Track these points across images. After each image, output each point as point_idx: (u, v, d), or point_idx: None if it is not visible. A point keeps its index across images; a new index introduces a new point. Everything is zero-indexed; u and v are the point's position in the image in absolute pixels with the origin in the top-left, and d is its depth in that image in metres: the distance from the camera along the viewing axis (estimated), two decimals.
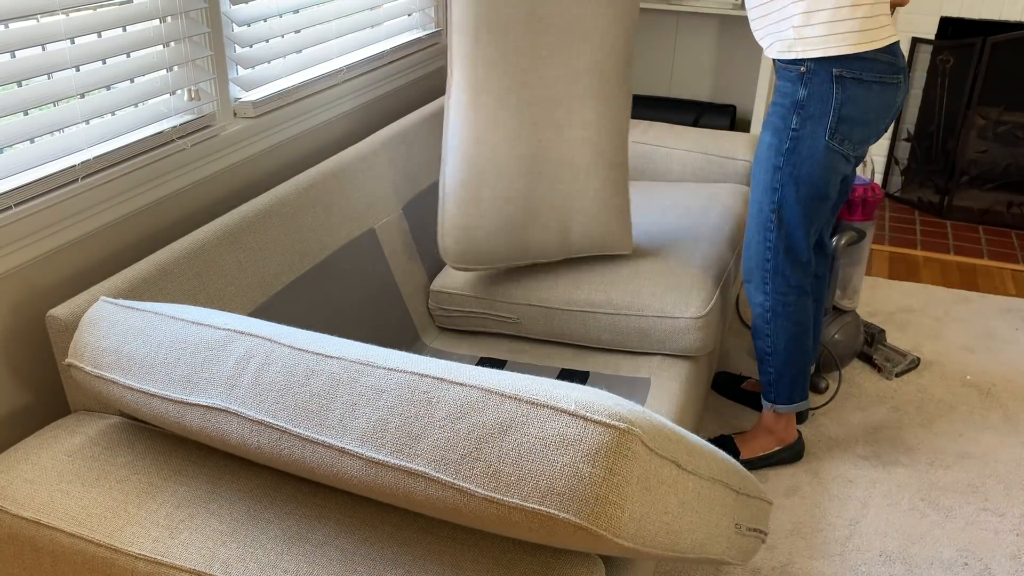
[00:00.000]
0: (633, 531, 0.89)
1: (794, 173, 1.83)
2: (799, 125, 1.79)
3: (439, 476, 0.92)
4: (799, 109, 1.79)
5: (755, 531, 1.23)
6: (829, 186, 1.85)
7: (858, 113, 1.77)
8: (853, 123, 1.78)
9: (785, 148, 1.82)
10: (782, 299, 1.97)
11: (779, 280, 1.96)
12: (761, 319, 2.02)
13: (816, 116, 1.78)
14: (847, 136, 1.79)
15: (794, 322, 2.00)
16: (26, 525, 1.13)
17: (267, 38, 1.87)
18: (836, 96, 1.76)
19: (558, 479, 0.88)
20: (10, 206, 1.36)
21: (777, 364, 2.05)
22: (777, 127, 1.83)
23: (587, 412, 0.90)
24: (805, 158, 1.81)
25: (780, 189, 1.86)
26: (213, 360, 1.08)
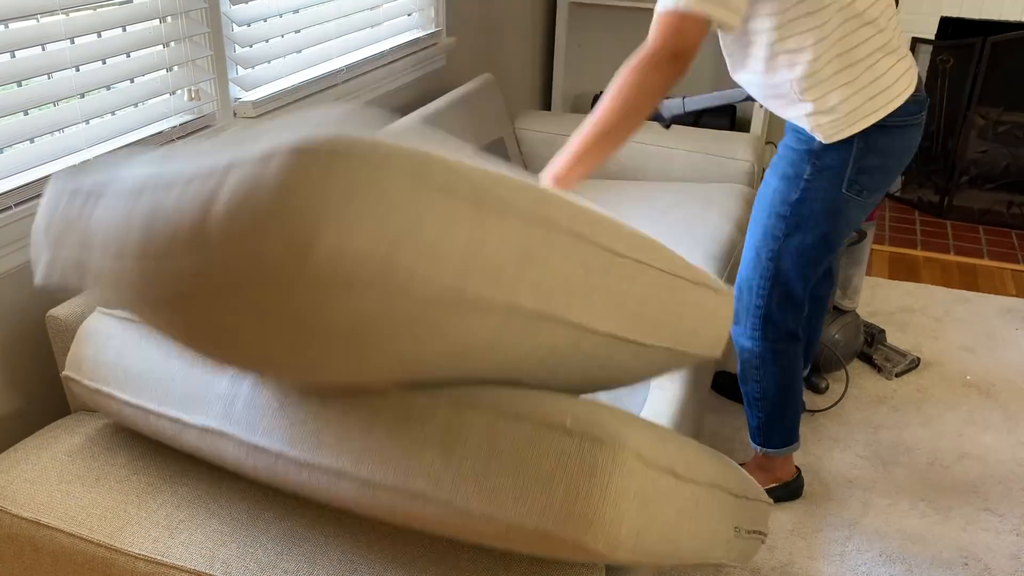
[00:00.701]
0: (631, 545, 0.88)
1: (801, 224, 1.68)
2: (812, 176, 1.63)
3: (435, 496, 0.91)
4: (814, 159, 1.62)
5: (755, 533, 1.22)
6: (838, 238, 1.71)
7: (879, 162, 1.61)
8: (873, 172, 1.62)
9: (794, 198, 1.66)
10: (772, 346, 1.85)
11: (770, 328, 1.83)
12: (749, 364, 1.90)
13: (834, 167, 1.61)
14: (865, 187, 1.63)
15: (784, 369, 1.88)
16: (26, 525, 1.13)
17: (267, 38, 1.87)
18: (857, 146, 1.59)
19: (554, 497, 0.87)
20: (10, 206, 1.36)
21: (767, 409, 1.94)
22: (787, 174, 1.67)
23: (582, 428, 0.89)
24: (816, 210, 1.65)
25: (782, 239, 1.70)
26: (209, 377, 1.07)
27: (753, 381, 1.92)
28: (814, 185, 1.64)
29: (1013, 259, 3.34)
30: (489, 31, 2.98)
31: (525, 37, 3.34)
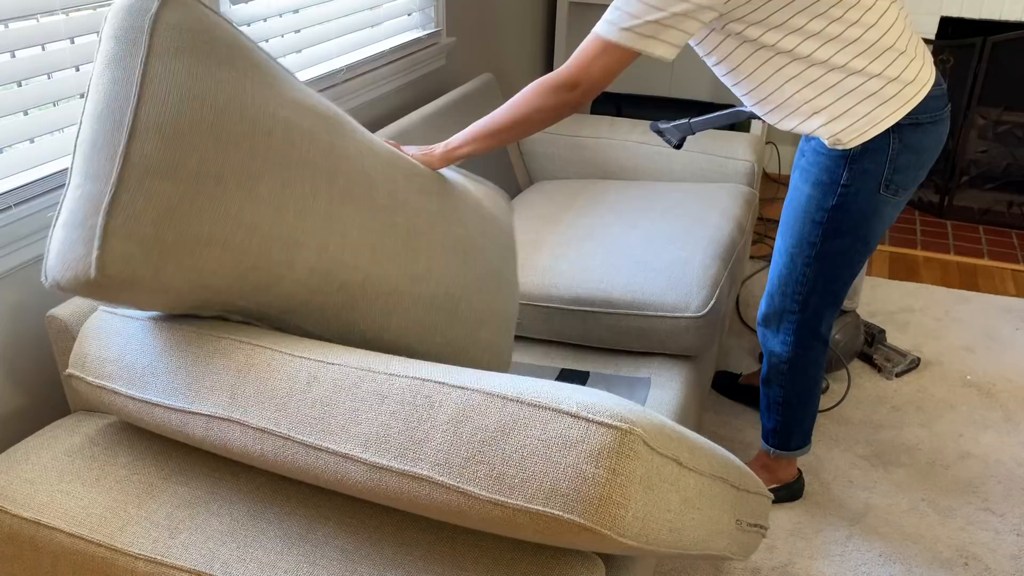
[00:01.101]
0: (637, 530, 0.89)
1: (839, 229, 1.67)
2: (850, 180, 1.61)
3: (443, 480, 0.92)
4: (851, 163, 1.60)
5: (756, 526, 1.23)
6: (875, 238, 1.70)
7: (914, 159, 1.62)
8: (908, 170, 1.62)
9: (831, 204, 1.64)
10: (803, 352, 1.84)
11: (805, 332, 1.82)
12: (776, 369, 1.89)
13: (871, 170, 1.60)
14: (900, 185, 1.63)
15: (811, 375, 1.88)
16: (26, 525, 1.13)
17: (267, 38, 1.87)
18: (893, 146, 1.59)
19: (561, 480, 0.88)
20: (10, 206, 1.36)
21: (787, 414, 1.94)
22: (821, 180, 1.64)
23: (589, 413, 0.90)
24: (854, 214, 1.64)
25: (818, 244, 1.69)
26: (214, 368, 1.08)
27: (778, 385, 1.91)
28: (852, 190, 1.63)
29: (1013, 259, 3.34)
30: (489, 31, 2.98)
31: (525, 37, 3.34)
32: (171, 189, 1.00)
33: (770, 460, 2.03)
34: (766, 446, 2.01)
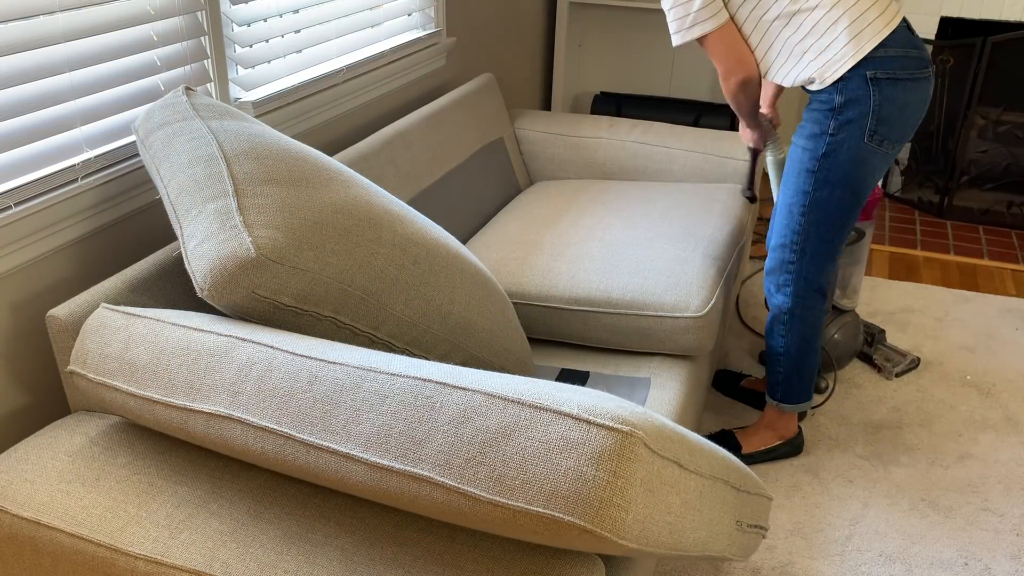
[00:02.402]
0: (637, 532, 0.89)
1: (830, 177, 1.83)
2: (836, 130, 1.79)
3: (443, 481, 0.92)
4: (836, 114, 1.79)
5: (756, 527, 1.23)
6: (865, 187, 1.86)
7: (896, 112, 1.78)
8: (891, 123, 1.79)
9: (821, 152, 1.82)
10: (801, 301, 1.98)
11: (801, 283, 1.96)
12: (777, 319, 2.03)
13: (854, 119, 1.78)
14: (886, 136, 1.80)
15: (809, 324, 2.01)
16: (26, 525, 1.13)
17: (267, 38, 1.87)
18: (874, 98, 1.76)
19: (562, 482, 0.88)
20: (10, 206, 1.36)
21: (787, 364, 2.07)
22: (813, 132, 1.83)
23: (590, 415, 0.90)
24: (843, 162, 1.81)
25: (812, 192, 1.85)
26: (216, 366, 1.08)
27: (779, 335, 2.05)
28: (838, 138, 1.80)
29: (1013, 259, 3.34)
30: (489, 31, 2.98)
31: (525, 37, 3.34)
32: (277, 191, 1.22)
33: (774, 417, 2.16)
34: (771, 400, 2.14)
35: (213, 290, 1.13)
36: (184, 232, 1.21)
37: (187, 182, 1.25)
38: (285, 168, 1.27)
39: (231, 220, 1.16)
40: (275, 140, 1.34)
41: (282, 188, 1.23)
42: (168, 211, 1.28)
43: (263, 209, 1.18)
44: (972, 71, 3.46)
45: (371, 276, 1.24)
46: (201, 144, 1.29)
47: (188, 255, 1.18)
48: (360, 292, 1.22)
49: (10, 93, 1.36)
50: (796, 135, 1.88)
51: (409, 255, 1.30)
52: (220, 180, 1.22)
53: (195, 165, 1.26)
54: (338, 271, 1.20)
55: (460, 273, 1.39)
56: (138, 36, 1.57)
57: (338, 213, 1.25)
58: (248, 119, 1.42)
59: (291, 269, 1.15)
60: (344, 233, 1.23)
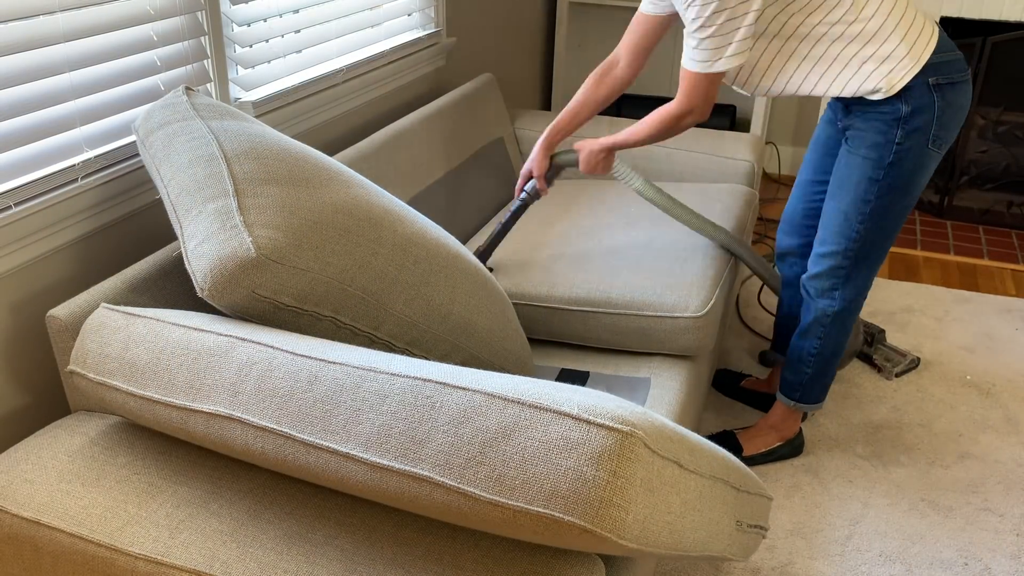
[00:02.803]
0: (637, 532, 0.89)
1: (895, 185, 1.83)
2: (904, 139, 1.79)
3: (443, 481, 0.92)
4: (903, 123, 1.78)
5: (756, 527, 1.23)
6: (920, 190, 1.88)
7: (954, 116, 1.80)
8: (950, 127, 1.81)
9: (888, 162, 1.81)
10: (849, 305, 1.98)
11: (851, 289, 1.96)
12: (818, 322, 2.02)
13: (921, 128, 1.78)
14: (944, 140, 1.82)
15: (848, 328, 2.03)
16: (26, 525, 1.13)
17: (267, 38, 1.87)
18: (937, 104, 1.77)
19: (562, 482, 0.88)
20: (10, 206, 1.36)
21: (817, 365, 2.06)
22: (876, 142, 1.81)
23: (590, 415, 0.90)
24: (907, 169, 1.82)
25: (874, 200, 1.85)
26: (216, 366, 1.08)
27: (815, 337, 2.04)
28: (905, 146, 1.80)
29: (1013, 259, 3.34)
30: (489, 31, 2.98)
31: (525, 37, 3.34)
32: (278, 191, 1.22)
33: (781, 417, 2.15)
34: (787, 400, 2.13)
35: (213, 290, 1.13)
36: (184, 232, 1.21)
37: (187, 182, 1.25)
38: (285, 168, 1.27)
39: (231, 220, 1.16)
40: (275, 140, 1.34)
41: (282, 188, 1.23)
42: (168, 211, 1.28)
43: (263, 209, 1.18)
44: (972, 71, 3.46)
45: (371, 276, 1.24)
46: (201, 144, 1.29)
47: (188, 255, 1.18)
48: (360, 292, 1.22)
49: (10, 93, 1.36)
50: (850, 146, 1.86)
51: (409, 255, 1.30)
52: (220, 180, 1.22)
53: (195, 165, 1.26)
54: (338, 271, 1.20)
55: (460, 273, 1.39)
56: (138, 36, 1.57)
57: (338, 213, 1.25)
58: (248, 119, 1.42)
59: (291, 269, 1.15)
60: (344, 233, 1.23)
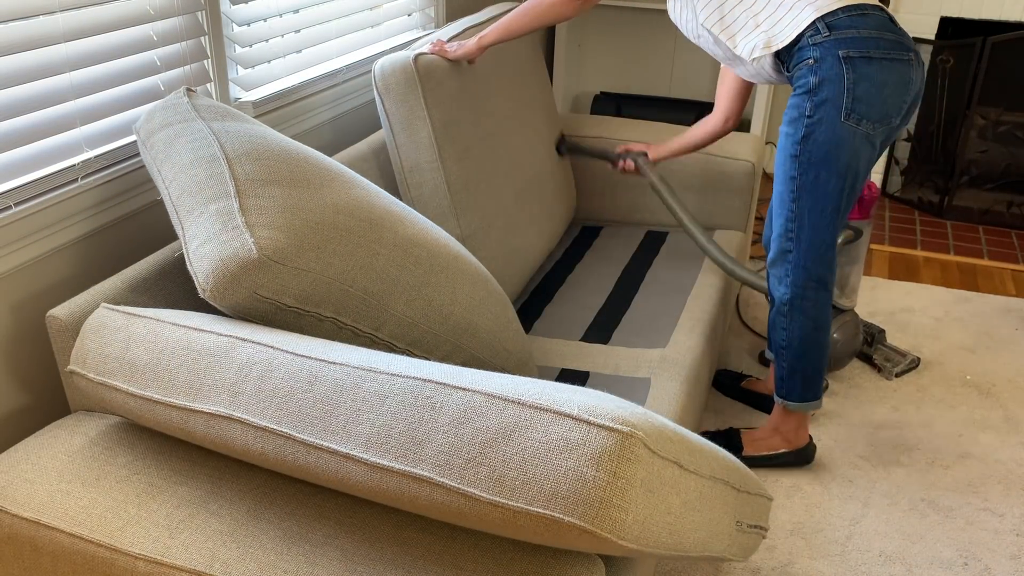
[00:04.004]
0: (637, 533, 0.89)
1: (812, 159, 1.82)
2: (812, 111, 1.80)
3: (443, 481, 0.92)
4: (812, 96, 1.79)
5: (756, 527, 1.23)
6: (850, 171, 1.84)
7: (873, 91, 1.77)
8: (870, 102, 1.78)
9: (801, 135, 1.82)
10: (800, 292, 1.95)
11: (800, 272, 1.93)
12: (778, 312, 2.00)
13: (830, 99, 1.78)
14: (864, 115, 1.79)
15: (810, 317, 1.97)
16: (26, 525, 1.13)
17: (267, 38, 1.87)
18: (848, 76, 1.76)
19: (562, 483, 0.88)
20: (10, 206, 1.36)
21: (791, 359, 2.03)
22: (793, 117, 1.84)
23: (590, 416, 0.90)
24: (822, 143, 1.81)
25: (798, 177, 1.85)
26: (216, 366, 1.08)
27: (780, 328, 2.02)
28: (815, 119, 1.80)
29: (1013, 259, 3.34)
30: None
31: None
32: (279, 191, 1.22)
33: (781, 419, 2.12)
34: (777, 398, 2.10)
35: (215, 291, 1.13)
36: (186, 233, 1.21)
37: (189, 183, 1.25)
38: (287, 169, 1.27)
39: (233, 221, 1.16)
40: (276, 141, 1.34)
41: (284, 189, 1.23)
42: (170, 212, 1.28)
43: (265, 210, 1.19)
44: (972, 71, 3.46)
45: (372, 277, 1.24)
46: (203, 145, 1.29)
47: (190, 256, 1.18)
48: (361, 293, 1.22)
49: (10, 93, 1.36)
50: (782, 123, 1.90)
51: (410, 256, 1.30)
52: (222, 181, 1.22)
53: (197, 166, 1.26)
54: (340, 272, 1.20)
55: (461, 274, 1.39)
56: (138, 36, 1.57)
57: (339, 214, 1.25)
58: (249, 120, 1.42)
59: (293, 270, 1.15)
60: (345, 234, 1.23)
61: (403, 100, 1.83)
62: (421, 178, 1.88)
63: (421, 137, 1.85)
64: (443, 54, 1.91)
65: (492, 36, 1.93)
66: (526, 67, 2.32)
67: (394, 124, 1.86)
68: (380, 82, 1.84)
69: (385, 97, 1.84)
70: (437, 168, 1.86)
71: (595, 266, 2.31)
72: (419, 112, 1.83)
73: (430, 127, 1.84)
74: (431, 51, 1.90)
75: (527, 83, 2.30)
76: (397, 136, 1.86)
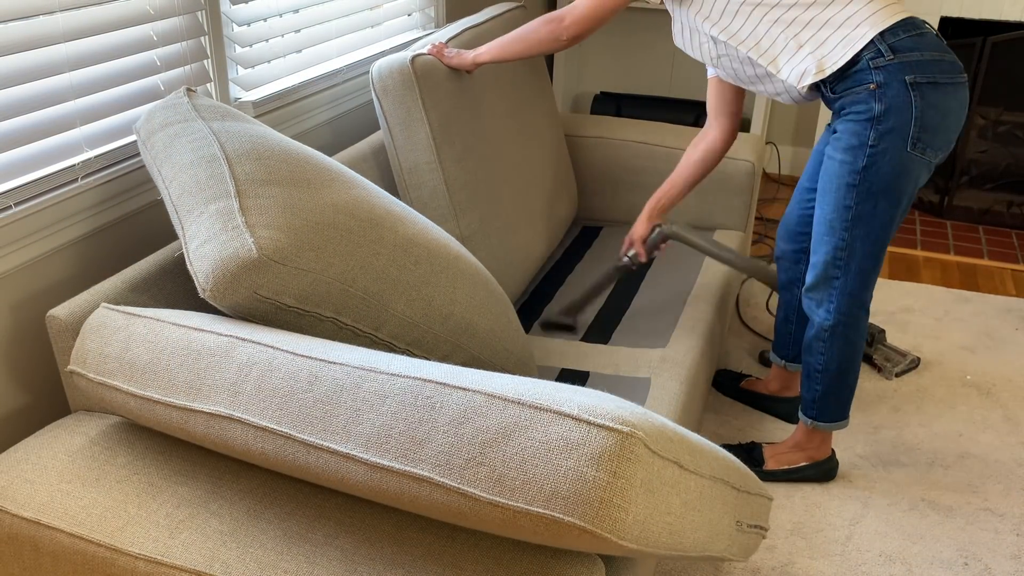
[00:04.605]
0: (637, 533, 0.89)
1: (872, 190, 1.75)
2: (876, 141, 1.71)
3: (443, 481, 0.92)
4: (876, 124, 1.71)
5: (756, 527, 1.23)
6: (908, 197, 1.79)
7: (938, 119, 1.71)
8: (935, 130, 1.72)
9: (861, 165, 1.74)
10: (845, 318, 1.89)
11: (845, 299, 1.87)
12: (818, 336, 1.94)
13: (896, 129, 1.70)
14: (929, 144, 1.73)
15: (851, 341, 1.93)
16: (26, 525, 1.13)
17: (267, 38, 1.87)
18: (916, 104, 1.69)
19: (562, 483, 0.88)
20: (10, 206, 1.36)
21: (827, 382, 1.98)
22: (851, 144, 1.75)
23: (590, 416, 0.90)
24: (884, 173, 1.73)
25: (854, 207, 1.78)
26: (216, 366, 1.08)
27: (818, 352, 1.96)
28: (879, 148, 1.73)
29: (1013, 259, 3.34)
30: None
31: None
32: (279, 191, 1.22)
33: (805, 437, 2.07)
34: (805, 418, 2.05)
35: (215, 291, 1.13)
36: (186, 233, 1.21)
37: (189, 183, 1.25)
38: (287, 169, 1.27)
39: (233, 221, 1.16)
40: (276, 141, 1.34)
41: (284, 189, 1.23)
42: (170, 212, 1.28)
43: (265, 210, 1.19)
44: (972, 71, 3.46)
45: (373, 277, 1.24)
46: (203, 145, 1.29)
47: (190, 256, 1.18)
48: (362, 293, 1.22)
49: (10, 93, 1.36)
50: (830, 148, 1.81)
51: (410, 256, 1.30)
52: (222, 181, 1.22)
53: (197, 166, 1.26)
54: (340, 272, 1.20)
55: (461, 274, 1.39)
56: (138, 36, 1.57)
57: (339, 214, 1.25)
58: (249, 120, 1.42)
59: (293, 270, 1.15)
60: (346, 234, 1.23)
61: (400, 101, 1.83)
62: (420, 179, 1.88)
63: (419, 138, 1.85)
64: (440, 58, 1.91)
65: (487, 56, 1.91)
66: (526, 67, 2.32)
67: (392, 125, 1.86)
68: (377, 83, 1.84)
69: (383, 98, 1.84)
70: (436, 169, 1.86)
71: (595, 266, 2.31)
72: (417, 113, 1.83)
73: (428, 128, 1.84)
74: (429, 52, 1.90)
75: (527, 83, 2.31)
76: (395, 137, 1.87)
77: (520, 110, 2.22)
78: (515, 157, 2.15)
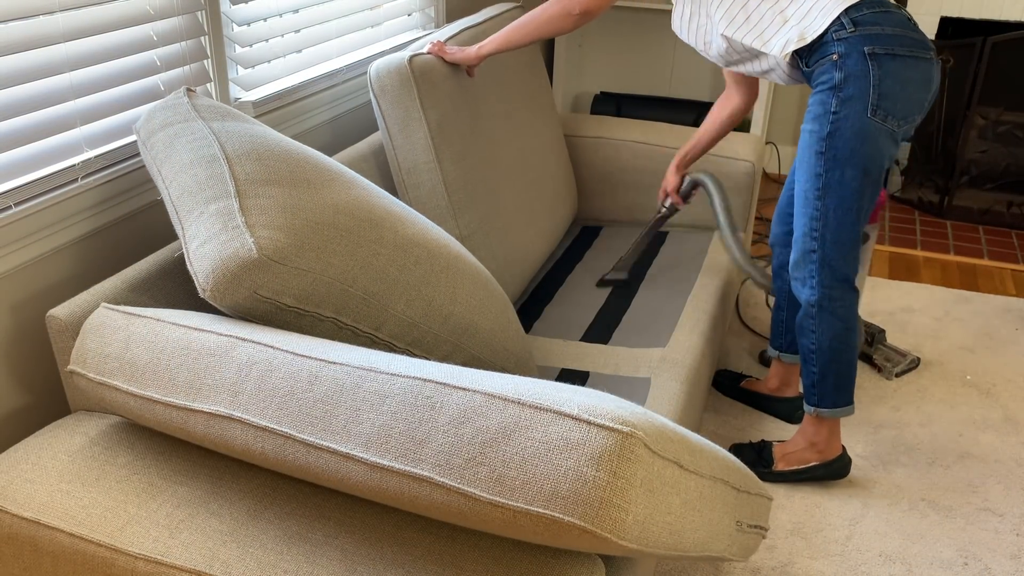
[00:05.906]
0: (637, 533, 0.89)
1: (838, 156, 1.80)
2: (838, 107, 1.78)
3: (443, 481, 0.92)
4: (837, 92, 1.78)
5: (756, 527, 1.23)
6: (875, 166, 1.82)
7: (897, 87, 1.77)
8: (894, 98, 1.77)
9: (826, 132, 1.80)
10: (828, 293, 1.91)
11: (826, 272, 1.90)
12: (806, 314, 1.96)
13: (856, 95, 1.77)
14: (890, 112, 1.78)
15: (840, 318, 1.93)
16: (26, 525, 1.13)
17: (267, 38, 1.87)
18: (873, 73, 1.75)
19: (562, 483, 0.88)
20: (10, 206, 1.36)
21: (821, 363, 1.98)
22: (817, 114, 1.82)
23: (590, 416, 0.90)
24: (848, 139, 1.79)
25: (824, 175, 1.83)
26: (216, 366, 1.08)
27: (809, 331, 1.98)
28: (841, 115, 1.79)
29: (1013, 259, 3.34)
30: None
31: None
32: (279, 191, 1.23)
33: (813, 429, 2.06)
34: (809, 407, 2.04)
35: (215, 291, 1.13)
36: (186, 233, 1.21)
37: (189, 183, 1.25)
38: (287, 169, 1.27)
39: (233, 221, 1.16)
40: (276, 141, 1.34)
41: (284, 189, 1.23)
42: (170, 212, 1.28)
43: (265, 210, 1.19)
44: (972, 71, 3.46)
45: (373, 277, 1.24)
46: (203, 145, 1.29)
47: (190, 256, 1.18)
48: (361, 293, 1.22)
49: (10, 93, 1.36)
50: (804, 122, 1.88)
51: (410, 256, 1.30)
52: (222, 181, 1.22)
53: (197, 166, 1.26)
54: (340, 272, 1.20)
55: (461, 274, 1.39)
56: (138, 36, 1.57)
57: (339, 214, 1.25)
58: (249, 120, 1.42)
59: (293, 270, 1.15)
60: (346, 234, 1.23)
61: (398, 101, 1.83)
62: (418, 179, 1.88)
63: (417, 138, 1.85)
64: (442, 55, 1.91)
65: (491, 46, 1.92)
66: (525, 67, 2.33)
67: (390, 126, 1.86)
68: (376, 84, 1.84)
69: (381, 99, 1.84)
70: (434, 169, 1.86)
71: (595, 266, 2.32)
72: (415, 113, 1.83)
73: (426, 128, 1.84)
74: (430, 51, 1.90)
75: (526, 83, 2.31)
76: (394, 137, 1.87)
77: (519, 110, 2.22)
78: (514, 157, 2.15)
